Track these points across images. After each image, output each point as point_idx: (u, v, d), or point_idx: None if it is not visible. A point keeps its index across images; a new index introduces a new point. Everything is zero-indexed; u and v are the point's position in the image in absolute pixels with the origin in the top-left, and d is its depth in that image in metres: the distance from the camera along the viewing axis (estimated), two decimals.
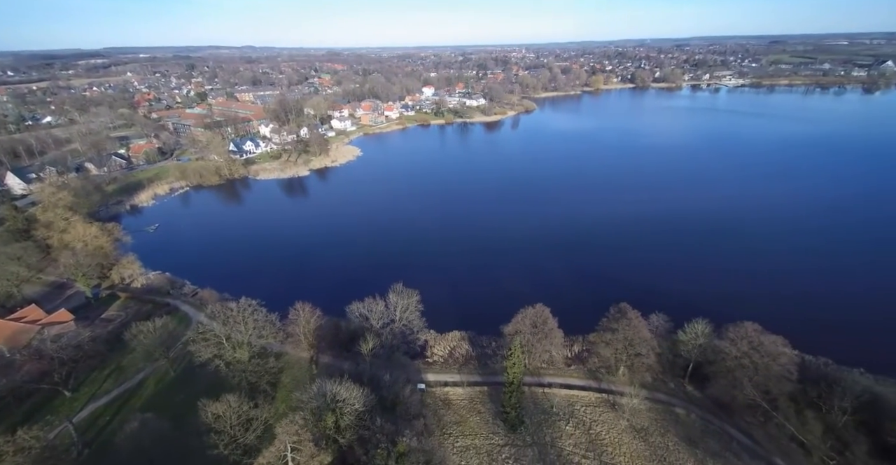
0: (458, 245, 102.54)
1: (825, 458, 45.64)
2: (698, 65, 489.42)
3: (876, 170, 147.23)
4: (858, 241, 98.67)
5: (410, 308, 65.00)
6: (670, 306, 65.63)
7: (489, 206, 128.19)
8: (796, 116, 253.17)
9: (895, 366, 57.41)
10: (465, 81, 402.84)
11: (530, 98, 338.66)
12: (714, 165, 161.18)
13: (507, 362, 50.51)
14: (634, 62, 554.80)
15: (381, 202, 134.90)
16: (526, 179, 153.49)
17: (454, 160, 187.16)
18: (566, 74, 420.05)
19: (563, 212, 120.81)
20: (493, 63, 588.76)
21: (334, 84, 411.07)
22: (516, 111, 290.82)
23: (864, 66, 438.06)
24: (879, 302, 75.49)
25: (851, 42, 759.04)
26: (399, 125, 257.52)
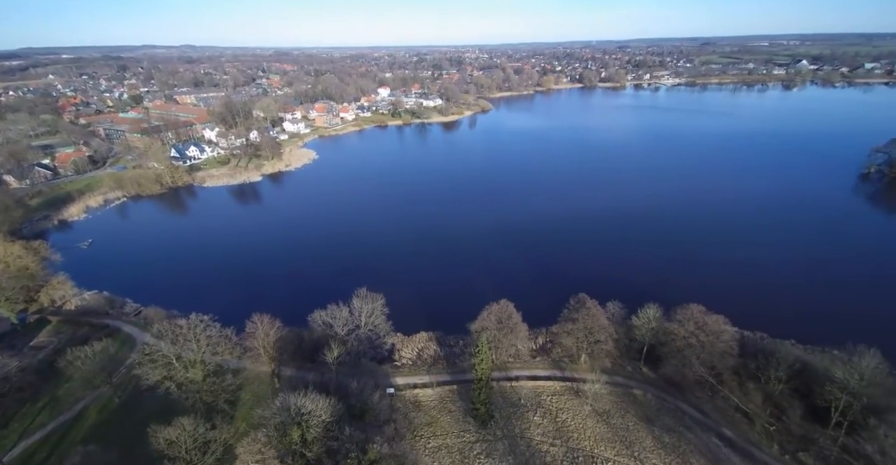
0: (420, 246, 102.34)
1: (766, 425, 50.06)
2: (639, 65, 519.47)
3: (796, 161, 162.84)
4: (785, 227, 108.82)
5: (376, 313, 64.03)
6: (625, 293, 68.87)
7: (450, 206, 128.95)
8: (727, 112, 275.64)
9: (819, 336, 63.70)
10: (421, 81, 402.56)
11: (486, 98, 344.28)
12: (658, 160, 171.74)
13: (475, 359, 51.05)
14: (582, 63, 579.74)
15: (340, 206, 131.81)
16: (485, 178, 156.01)
17: (414, 161, 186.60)
18: (519, 75, 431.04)
19: (522, 209, 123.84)
20: (448, 63, 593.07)
21: (284, 85, 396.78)
22: (473, 111, 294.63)
23: (782, 65, 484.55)
24: (803, 280, 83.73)
25: (771, 43, 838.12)
26: (355, 127, 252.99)
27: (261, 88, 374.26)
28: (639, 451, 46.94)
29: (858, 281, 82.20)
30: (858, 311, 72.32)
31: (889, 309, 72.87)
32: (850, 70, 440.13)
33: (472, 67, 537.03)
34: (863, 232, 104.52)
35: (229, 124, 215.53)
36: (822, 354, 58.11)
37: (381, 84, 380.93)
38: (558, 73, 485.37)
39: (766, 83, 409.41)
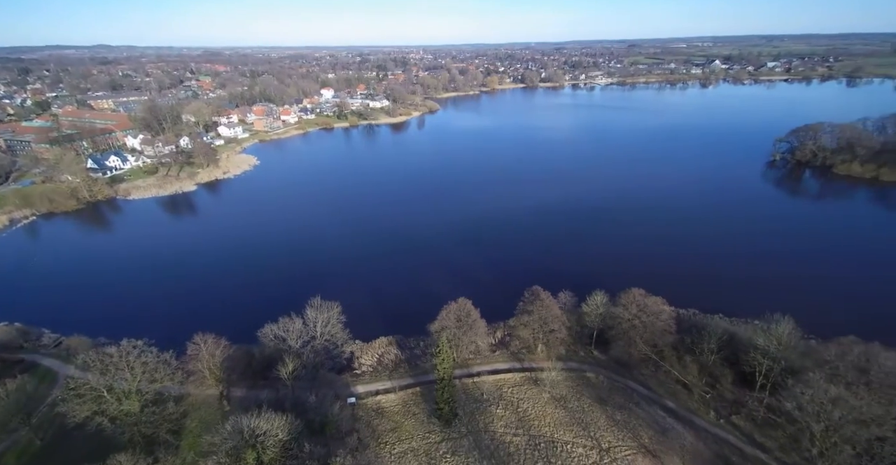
0: (375, 249, 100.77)
1: (702, 393, 54.97)
2: (575, 66, 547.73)
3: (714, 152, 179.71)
4: (707, 211, 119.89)
5: (332, 321, 62.21)
6: (575, 283, 72.33)
7: (403, 206, 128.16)
8: (654, 109, 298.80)
9: (742, 308, 70.73)
10: (366, 82, 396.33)
11: (432, 98, 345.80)
12: (598, 156, 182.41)
13: (436, 359, 51.14)
14: (523, 64, 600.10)
15: (287, 213, 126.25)
16: (437, 177, 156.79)
17: (363, 163, 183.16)
18: (464, 75, 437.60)
19: (475, 207, 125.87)
20: (393, 64, 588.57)
21: (217, 87, 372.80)
22: (421, 112, 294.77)
23: (699, 65, 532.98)
24: (724, 258, 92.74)
25: (689, 45, 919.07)
26: (299, 130, 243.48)
27: (190, 91, 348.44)
28: (594, 430, 49.60)
29: (770, 256, 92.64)
30: (772, 282, 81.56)
31: (796, 279, 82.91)
32: (755, 68, 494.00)
33: (418, 68, 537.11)
34: (771, 212, 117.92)
35: (155, 131, 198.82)
36: (746, 324, 64.72)
37: (325, 85, 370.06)
38: (502, 73, 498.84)
39: (686, 82, 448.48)
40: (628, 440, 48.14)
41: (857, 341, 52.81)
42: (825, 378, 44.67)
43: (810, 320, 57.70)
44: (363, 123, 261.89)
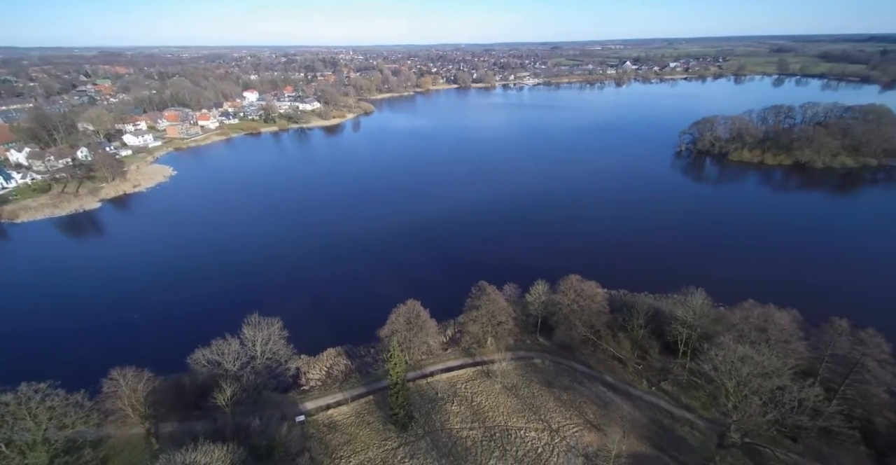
0: (314, 258, 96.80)
1: (635, 365, 60.00)
2: (504, 67, 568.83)
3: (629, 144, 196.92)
4: (627, 198, 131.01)
5: (273, 338, 58.55)
6: (518, 275, 74.93)
7: (342, 211, 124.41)
8: (577, 106, 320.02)
9: (664, 285, 77.69)
10: (294, 83, 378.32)
11: (366, 100, 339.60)
12: (531, 152, 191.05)
13: (388, 364, 50.33)
14: (455, 65, 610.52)
15: (212, 226, 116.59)
16: (376, 180, 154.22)
17: (297, 168, 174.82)
18: (397, 76, 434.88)
19: (417, 207, 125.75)
20: (322, 65, 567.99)
21: (119, 91, 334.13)
22: (355, 114, 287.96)
23: (613, 66, 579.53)
24: (644, 239, 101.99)
25: (603, 48, 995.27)
26: (221, 136, 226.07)
27: (86, 96, 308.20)
28: (544, 413, 51.99)
29: (682, 235, 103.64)
30: (686, 259, 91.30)
31: (704, 254, 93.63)
32: (660, 68, 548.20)
33: (349, 69, 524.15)
34: (680, 196, 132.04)
35: (45, 142, 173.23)
36: (667, 299, 71.45)
37: (247, 87, 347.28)
38: (435, 74, 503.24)
39: (603, 81, 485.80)
40: (575, 418, 51.14)
41: (756, 304, 60.61)
42: (733, 340, 50.78)
43: (718, 290, 65.18)
44: (294, 127, 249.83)
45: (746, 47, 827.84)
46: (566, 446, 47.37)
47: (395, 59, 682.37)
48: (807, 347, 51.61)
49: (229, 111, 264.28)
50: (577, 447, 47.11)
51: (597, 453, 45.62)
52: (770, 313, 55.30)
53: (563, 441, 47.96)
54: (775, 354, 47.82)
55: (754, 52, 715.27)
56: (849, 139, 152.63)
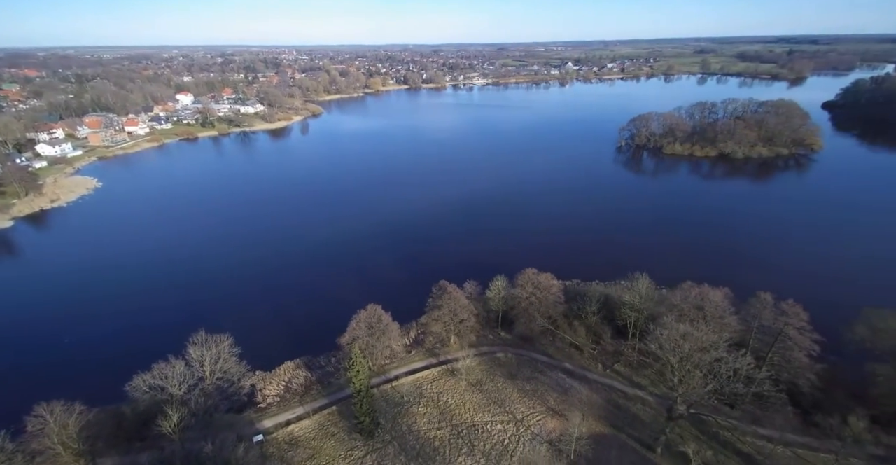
0: (264, 267, 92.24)
1: (590, 351, 62.86)
2: (453, 68, 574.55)
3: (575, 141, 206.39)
4: (575, 191, 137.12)
5: (223, 356, 55.02)
6: (478, 271, 75.45)
7: (294, 217, 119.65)
8: (525, 106, 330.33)
9: (612, 272, 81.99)
10: (234, 85, 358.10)
11: (314, 101, 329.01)
12: (484, 150, 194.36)
13: (351, 372, 48.96)
14: (403, 65, 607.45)
15: (147, 239, 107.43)
16: (328, 183, 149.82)
17: (241, 174, 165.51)
18: (345, 77, 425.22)
19: (373, 209, 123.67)
20: (263, 65, 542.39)
21: (30, 96, 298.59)
22: (303, 116, 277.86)
23: (556, 66, 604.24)
24: (593, 230, 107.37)
25: (547, 49, 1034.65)
26: (153, 142, 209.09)
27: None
28: (509, 405, 53.04)
29: (626, 224, 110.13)
30: (631, 246, 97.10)
31: (646, 241, 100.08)
32: (598, 69, 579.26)
33: (293, 70, 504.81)
34: (622, 188, 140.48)
35: None
36: (616, 285, 75.59)
37: (180, 90, 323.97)
38: (384, 75, 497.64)
39: (548, 81, 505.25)
40: (538, 407, 52.63)
41: (693, 284, 65.46)
42: (675, 319, 54.53)
43: (660, 274, 69.61)
44: (235, 131, 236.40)
45: (674, 49, 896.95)
46: (531, 434, 48.60)
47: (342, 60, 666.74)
48: (738, 320, 56.62)
49: (161, 116, 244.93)
50: (541, 434, 48.49)
51: (560, 438, 47.24)
52: (705, 292, 60.05)
53: (527, 430, 49.17)
54: (712, 329, 51.98)
55: (681, 53, 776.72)
56: (764, 131, 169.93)
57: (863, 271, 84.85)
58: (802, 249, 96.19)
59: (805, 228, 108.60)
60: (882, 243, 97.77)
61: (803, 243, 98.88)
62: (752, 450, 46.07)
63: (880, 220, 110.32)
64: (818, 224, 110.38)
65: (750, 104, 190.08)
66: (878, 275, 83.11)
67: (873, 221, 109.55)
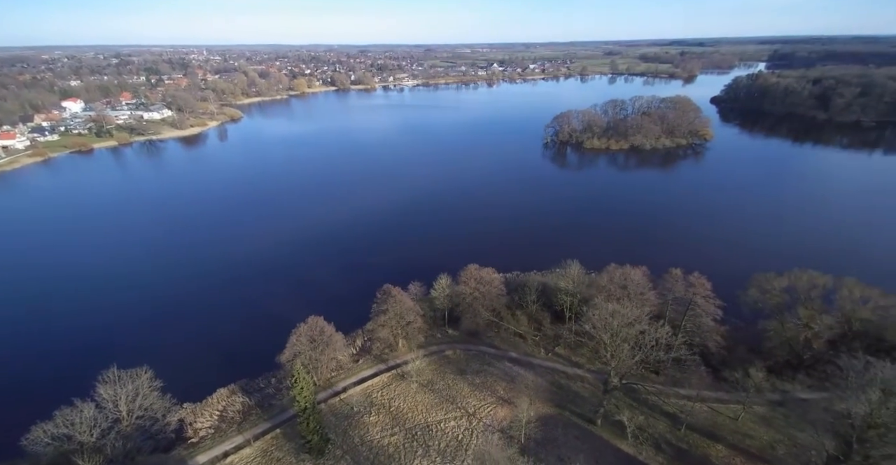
0: (187, 288, 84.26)
1: (533, 338, 66.05)
2: (382, 69, 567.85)
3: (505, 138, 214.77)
4: (507, 187, 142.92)
5: (142, 392, 49.20)
6: (421, 272, 75.38)
7: (217, 231, 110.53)
8: (456, 106, 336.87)
9: (548, 261, 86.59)
10: (134, 89, 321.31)
11: (231, 105, 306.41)
12: (418, 150, 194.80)
13: (294, 390, 46.52)
14: (330, 66, 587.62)
15: (32, 265, 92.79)
16: (255, 192, 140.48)
17: (149, 187, 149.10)
18: (266, 79, 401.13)
19: (306, 219, 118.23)
20: (169, 67, 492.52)
21: None
22: (219, 121, 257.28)
23: (482, 67, 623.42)
24: (530, 222, 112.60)
25: (472, 50, 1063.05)
26: (35, 157, 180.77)
27: None
28: (460, 401, 53.89)
29: (556, 214, 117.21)
30: (562, 235, 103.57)
31: (575, 229, 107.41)
32: (522, 70, 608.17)
33: (204, 71, 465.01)
34: (551, 181, 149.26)
35: None
36: (551, 273, 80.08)
37: (67, 96, 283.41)
38: (309, 76, 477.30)
39: (476, 82, 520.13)
40: (488, 398, 54.14)
41: (617, 266, 71.36)
42: (604, 299, 59.24)
43: (588, 259, 75.07)
44: (139, 140, 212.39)
45: (586, 51, 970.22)
46: (483, 426, 49.84)
47: (260, 60, 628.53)
48: (656, 295, 63.02)
49: (44, 126, 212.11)
50: (492, 424, 49.95)
51: (510, 425, 49.05)
52: (627, 272, 65.93)
53: (480, 423, 50.34)
54: (635, 305, 57.17)
55: (592, 55, 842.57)
56: (665, 125, 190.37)
57: (751, 242, 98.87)
58: (703, 226, 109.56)
59: (704, 207, 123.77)
60: (764, 216, 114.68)
61: (703, 222, 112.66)
62: (676, 410, 51.58)
63: (762, 197, 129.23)
64: (714, 204, 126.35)
65: (653, 101, 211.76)
66: (764, 244, 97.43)
67: (756, 198, 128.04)
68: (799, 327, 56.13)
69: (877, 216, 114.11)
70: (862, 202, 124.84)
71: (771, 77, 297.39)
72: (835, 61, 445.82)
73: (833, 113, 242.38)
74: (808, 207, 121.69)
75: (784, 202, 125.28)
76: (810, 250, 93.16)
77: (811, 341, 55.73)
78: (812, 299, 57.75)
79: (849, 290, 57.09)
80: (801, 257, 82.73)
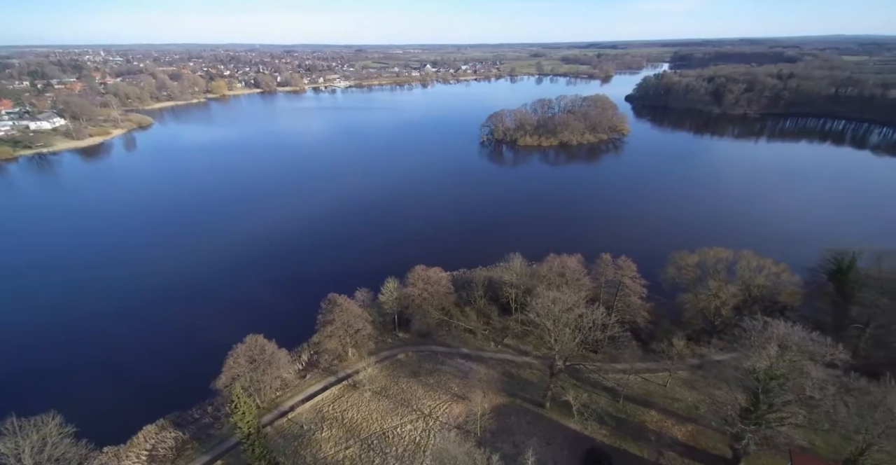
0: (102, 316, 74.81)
1: (482, 332, 67.67)
2: (311, 70, 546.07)
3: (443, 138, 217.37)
4: (450, 185, 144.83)
5: (51, 440, 42.94)
6: (367, 278, 73.82)
7: (130, 253, 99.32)
8: (392, 107, 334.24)
9: (492, 256, 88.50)
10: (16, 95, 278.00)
11: (138, 111, 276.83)
12: (354, 153, 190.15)
13: (234, 416, 43.31)
14: (252, 67, 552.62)
15: None
16: (171, 206, 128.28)
17: (42, 207, 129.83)
18: (178, 81, 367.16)
19: (233, 233, 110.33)
20: (58, 69, 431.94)
21: None
22: (125, 128, 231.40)
23: (416, 68, 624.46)
24: (472, 220, 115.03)
25: (404, 51, 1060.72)
26: None
27: None
28: (416, 403, 53.73)
29: (496, 210, 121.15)
30: (503, 229, 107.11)
31: (515, 223, 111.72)
32: (455, 71, 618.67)
33: (103, 73, 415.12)
34: (489, 179, 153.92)
35: None
36: (496, 268, 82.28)
37: None
38: (229, 77, 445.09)
39: (411, 83, 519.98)
40: (443, 396, 54.58)
41: (555, 256, 75.49)
42: (546, 288, 62.40)
43: (529, 251, 78.47)
44: (25, 154, 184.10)
45: (514, 52, 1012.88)
46: (440, 425, 50.16)
47: (170, 61, 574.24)
48: (590, 279, 67.64)
49: None
50: (449, 422, 50.45)
51: (466, 420, 49.88)
52: (564, 261, 70.00)
53: (436, 422, 50.60)
54: (573, 290, 60.88)
55: (519, 56, 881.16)
56: (588, 121, 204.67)
57: (667, 224, 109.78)
58: (626, 213, 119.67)
59: (626, 196, 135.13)
60: (676, 200, 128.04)
61: (626, 208, 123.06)
62: (614, 384, 55.89)
63: (673, 183, 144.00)
64: (634, 192, 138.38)
65: (576, 100, 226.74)
66: (677, 225, 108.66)
67: (668, 184, 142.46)
68: (710, 297, 63.41)
69: (764, 195, 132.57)
70: (751, 184, 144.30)
71: (674, 77, 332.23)
72: (725, 61, 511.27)
73: (725, 107, 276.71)
74: (709, 190, 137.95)
75: (691, 187, 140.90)
76: (714, 228, 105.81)
77: (720, 308, 63.25)
78: (718, 272, 65.56)
79: (747, 261, 65.64)
80: (708, 235, 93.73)
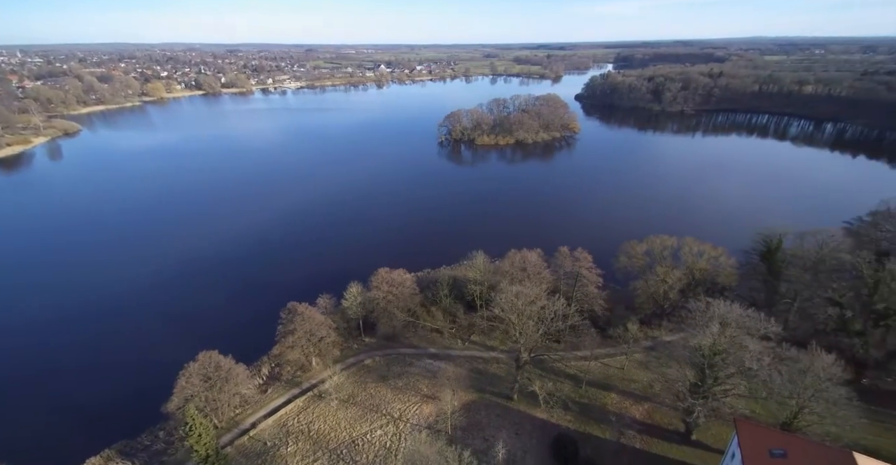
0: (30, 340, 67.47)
1: (449, 330, 67.96)
2: (258, 70, 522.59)
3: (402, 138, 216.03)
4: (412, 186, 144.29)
5: None
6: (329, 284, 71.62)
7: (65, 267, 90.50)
8: (345, 107, 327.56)
9: (456, 255, 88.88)
10: None
11: (63, 116, 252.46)
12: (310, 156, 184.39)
13: (190, 439, 40.97)
14: (193, 67, 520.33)
15: None
16: (106, 218, 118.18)
17: None
18: (108, 83, 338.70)
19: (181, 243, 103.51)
20: None
21: None
22: (48, 136, 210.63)
23: (370, 68, 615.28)
24: (435, 220, 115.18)
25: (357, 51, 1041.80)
26: None
27: None
28: (385, 407, 53.05)
29: (459, 209, 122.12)
30: (466, 228, 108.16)
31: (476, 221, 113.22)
32: (410, 71, 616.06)
33: (20, 76, 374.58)
34: (448, 178, 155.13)
35: None
36: (460, 266, 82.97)
37: None
38: (167, 79, 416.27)
39: (365, 83, 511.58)
40: (413, 398, 54.26)
41: (516, 251, 77.22)
42: (509, 283, 63.67)
43: (491, 248, 79.69)
44: None
45: (468, 53, 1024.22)
46: (410, 427, 49.82)
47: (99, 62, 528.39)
48: (550, 272, 69.87)
49: None
50: (419, 423, 50.22)
51: (437, 419, 49.89)
52: (525, 255, 71.80)
53: (407, 424, 50.21)
54: (534, 284, 62.72)
55: (473, 57, 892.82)
56: (542, 120, 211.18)
57: (617, 216, 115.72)
58: (580, 206, 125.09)
59: (579, 190, 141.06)
60: (624, 192, 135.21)
61: (580, 202, 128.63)
62: (577, 371, 58.18)
63: (620, 177, 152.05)
64: (586, 186, 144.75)
65: (529, 99, 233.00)
66: (626, 216, 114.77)
67: (616, 178, 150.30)
68: (658, 282, 67.55)
69: (702, 185, 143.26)
70: (690, 175, 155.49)
71: (618, 77, 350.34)
72: (662, 61, 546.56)
73: (665, 105, 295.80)
74: (654, 183, 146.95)
75: (638, 180, 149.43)
76: (660, 218, 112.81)
77: (668, 292, 67.54)
78: (665, 258, 70.00)
79: (689, 247, 70.60)
80: (655, 224, 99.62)
